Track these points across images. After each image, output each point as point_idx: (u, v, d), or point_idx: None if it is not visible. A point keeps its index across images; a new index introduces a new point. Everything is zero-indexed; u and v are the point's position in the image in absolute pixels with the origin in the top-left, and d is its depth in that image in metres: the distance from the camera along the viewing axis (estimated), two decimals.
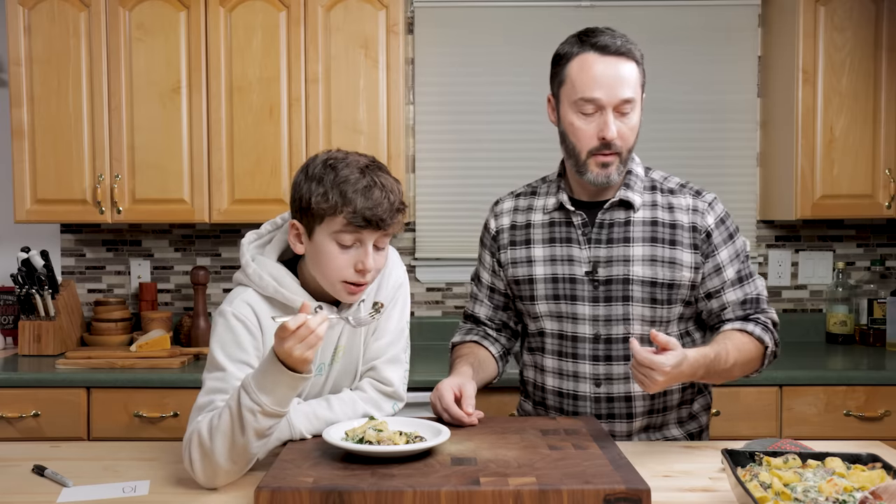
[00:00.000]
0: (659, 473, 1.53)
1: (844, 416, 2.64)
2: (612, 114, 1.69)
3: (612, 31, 1.73)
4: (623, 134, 1.70)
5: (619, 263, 1.76)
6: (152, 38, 2.89)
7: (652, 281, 1.76)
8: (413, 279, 3.28)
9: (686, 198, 1.80)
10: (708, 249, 1.78)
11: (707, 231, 1.78)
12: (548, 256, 1.81)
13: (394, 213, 1.52)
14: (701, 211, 1.79)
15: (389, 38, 2.91)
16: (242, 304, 1.56)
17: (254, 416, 1.40)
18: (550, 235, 1.82)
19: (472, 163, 3.27)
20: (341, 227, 1.50)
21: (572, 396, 1.82)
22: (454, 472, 1.37)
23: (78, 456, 1.68)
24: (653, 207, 1.79)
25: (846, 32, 2.91)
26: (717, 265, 1.78)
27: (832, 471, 1.36)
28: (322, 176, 1.51)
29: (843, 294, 3.16)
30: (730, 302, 1.78)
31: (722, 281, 1.78)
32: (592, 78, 1.69)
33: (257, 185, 2.90)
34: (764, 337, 1.75)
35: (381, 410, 1.66)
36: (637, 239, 1.77)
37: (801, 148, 2.94)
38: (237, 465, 1.45)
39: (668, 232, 1.77)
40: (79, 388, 2.65)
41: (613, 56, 1.70)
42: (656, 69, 3.24)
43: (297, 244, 1.57)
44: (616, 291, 1.76)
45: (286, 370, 1.39)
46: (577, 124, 1.72)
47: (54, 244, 3.29)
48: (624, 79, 1.69)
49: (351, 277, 1.53)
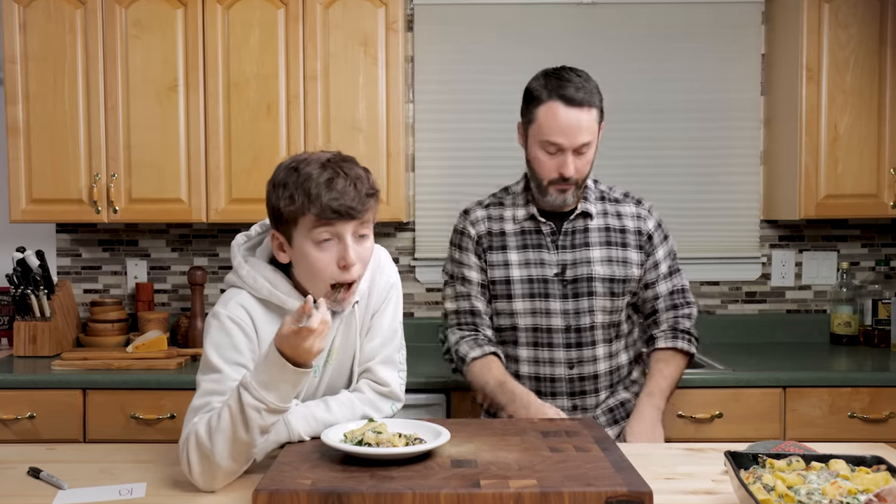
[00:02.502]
0: (661, 476, 1.53)
1: (849, 418, 2.64)
2: (570, 155, 2.00)
3: (577, 79, 2.01)
4: (579, 168, 2.02)
5: (583, 264, 2.10)
6: (149, 36, 2.89)
7: (610, 278, 2.11)
8: (412, 279, 3.27)
9: (630, 206, 2.18)
10: (649, 248, 2.17)
11: (649, 234, 2.17)
12: (522, 260, 2.11)
13: (363, 200, 1.52)
14: (643, 217, 2.18)
15: (389, 35, 2.91)
16: (237, 306, 1.57)
17: (259, 414, 1.42)
18: (523, 242, 2.12)
19: (472, 161, 3.26)
20: (313, 224, 1.51)
21: (549, 380, 2.13)
22: (454, 474, 1.37)
23: (74, 458, 1.68)
24: (605, 215, 2.15)
25: (850, 29, 2.91)
26: (654, 262, 2.17)
27: (836, 473, 1.36)
28: (286, 180, 1.53)
29: (848, 294, 3.16)
30: (661, 293, 2.19)
31: (657, 274, 2.18)
32: (557, 126, 1.99)
33: (255, 184, 2.90)
34: (690, 349, 2.18)
35: (379, 411, 1.66)
36: (595, 243, 2.12)
37: (805, 146, 2.94)
38: (237, 463, 1.46)
39: (619, 236, 2.14)
40: (75, 389, 2.65)
41: (576, 107, 1.99)
42: (657, 67, 3.25)
43: (281, 254, 1.59)
44: (581, 288, 2.10)
45: (290, 366, 1.41)
46: (541, 159, 2.04)
47: (50, 244, 3.29)
48: (583, 127, 1.99)
49: (337, 276, 1.54)
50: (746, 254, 3.29)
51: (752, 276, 3.31)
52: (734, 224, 3.30)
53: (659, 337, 2.20)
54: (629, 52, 3.24)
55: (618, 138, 3.22)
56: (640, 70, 3.26)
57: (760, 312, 3.32)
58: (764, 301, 3.32)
